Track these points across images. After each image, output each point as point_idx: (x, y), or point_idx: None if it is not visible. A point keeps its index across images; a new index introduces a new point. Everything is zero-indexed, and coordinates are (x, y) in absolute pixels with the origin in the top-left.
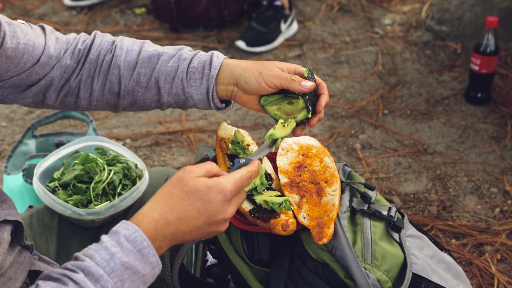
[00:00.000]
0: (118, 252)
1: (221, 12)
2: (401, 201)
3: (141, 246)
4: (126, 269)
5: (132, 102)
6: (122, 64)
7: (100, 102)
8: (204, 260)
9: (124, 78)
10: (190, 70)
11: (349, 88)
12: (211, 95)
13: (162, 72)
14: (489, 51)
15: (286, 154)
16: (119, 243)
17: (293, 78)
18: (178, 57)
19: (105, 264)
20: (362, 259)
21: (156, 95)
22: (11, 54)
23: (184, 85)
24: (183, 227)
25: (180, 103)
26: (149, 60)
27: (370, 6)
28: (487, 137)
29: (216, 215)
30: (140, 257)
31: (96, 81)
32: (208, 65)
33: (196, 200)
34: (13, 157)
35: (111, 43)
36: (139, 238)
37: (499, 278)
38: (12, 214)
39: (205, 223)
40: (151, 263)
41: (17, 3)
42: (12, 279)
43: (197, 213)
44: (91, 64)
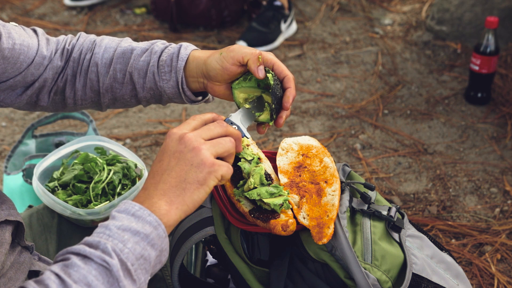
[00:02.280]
0: (111, 222)
1: (221, 12)
2: (401, 201)
3: (133, 210)
4: (123, 231)
5: (113, 99)
6: (99, 61)
7: (85, 101)
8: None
9: (102, 76)
10: (160, 64)
11: (349, 88)
12: (181, 88)
13: (135, 67)
14: (489, 51)
15: (286, 154)
16: (112, 217)
17: (259, 57)
18: (150, 51)
19: (101, 234)
20: (362, 259)
21: (133, 90)
22: (8, 55)
23: (156, 79)
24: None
25: (156, 98)
26: (123, 55)
27: (370, 6)
28: (487, 137)
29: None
30: (136, 219)
31: (78, 80)
32: (175, 57)
33: (156, 158)
34: (13, 157)
35: (92, 42)
36: (129, 206)
37: (499, 278)
38: (12, 215)
39: (170, 159)
40: (149, 222)
41: (17, 3)
42: (13, 279)
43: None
44: (74, 63)
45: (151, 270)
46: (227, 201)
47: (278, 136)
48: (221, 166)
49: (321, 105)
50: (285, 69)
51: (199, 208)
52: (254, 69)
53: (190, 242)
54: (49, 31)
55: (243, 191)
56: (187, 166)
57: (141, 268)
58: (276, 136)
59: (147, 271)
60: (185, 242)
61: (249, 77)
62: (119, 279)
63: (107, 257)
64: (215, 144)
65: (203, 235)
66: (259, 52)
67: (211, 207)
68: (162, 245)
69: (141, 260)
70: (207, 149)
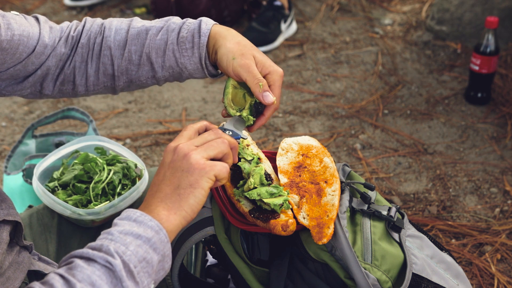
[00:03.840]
0: (112, 229)
1: (221, 12)
2: (401, 201)
3: (135, 216)
4: (125, 235)
5: (128, 82)
6: (112, 44)
7: (97, 86)
8: (204, 260)
9: (116, 58)
10: (180, 40)
11: (349, 88)
12: (204, 63)
13: (152, 46)
14: (489, 51)
15: (286, 154)
16: (114, 224)
17: (260, 84)
18: (166, 29)
19: (103, 240)
20: (362, 259)
21: (150, 71)
22: (6, 46)
23: (177, 56)
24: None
25: (175, 75)
26: (138, 36)
27: (370, 6)
28: (487, 137)
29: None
30: (137, 224)
31: (90, 65)
32: (197, 33)
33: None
34: (13, 157)
35: (100, 25)
36: (130, 213)
37: (499, 278)
38: (11, 214)
39: (166, 169)
40: (151, 227)
41: (17, 3)
42: (11, 279)
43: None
44: (83, 48)
45: (154, 274)
46: (227, 201)
47: (278, 136)
48: (213, 166)
49: (321, 105)
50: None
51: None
52: (258, 96)
53: (190, 242)
54: None
55: (243, 191)
56: (179, 173)
57: (143, 271)
58: (276, 136)
59: (150, 274)
60: (185, 242)
61: None
62: (122, 279)
63: (109, 257)
64: (206, 148)
65: (203, 235)
66: (260, 79)
67: (211, 207)
68: (165, 249)
69: (144, 263)
70: (197, 153)
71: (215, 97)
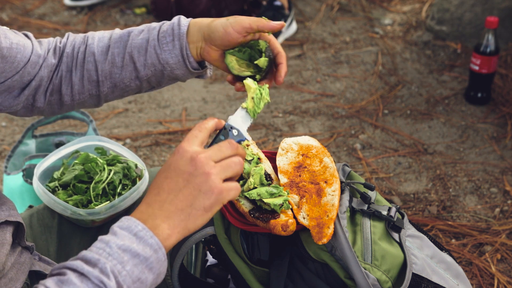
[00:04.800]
0: (112, 239)
1: (221, 12)
2: (401, 201)
3: (136, 229)
4: (124, 252)
5: (112, 87)
6: (95, 50)
7: (82, 94)
8: (204, 260)
9: (100, 63)
10: (160, 36)
11: (349, 88)
12: (185, 53)
13: (134, 45)
14: (489, 51)
15: (286, 154)
16: (113, 232)
17: (263, 17)
18: (147, 29)
19: (101, 251)
20: (362, 259)
21: (133, 71)
22: (6, 54)
23: (158, 52)
24: (164, 196)
25: (157, 74)
26: (120, 39)
27: (370, 6)
28: (487, 137)
29: (183, 167)
30: (137, 240)
31: (75, 74)
32: (177, 25)
33: (162, 173)
34: (13, 157)
35: (83, 37)
36: (132, 223)
37: (499, 278)
38: (13, 215)
39: (180, 180)
40: (150, 245)
41: (17, 3)
42: (13, 280)
43: (166, 178)
44: (67, 58)
45: None
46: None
47: (278, 136)
48: (230, 191)
49: (321, 105)
50: (279, 46)
51: None
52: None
53: (190, 242)
54: (49, 31)
55: (243, 191)
56: (195, 191)
57: None
58: (276, 136)
59: None
60: (185, 242)
61: (244, 50)
62: None
63: (104, 278)
64: (225, 168)
65: (203, 235)
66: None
67: None
68: (161, 268)
69: (138, 283)
70: (217, 174)
71: (215, 97)
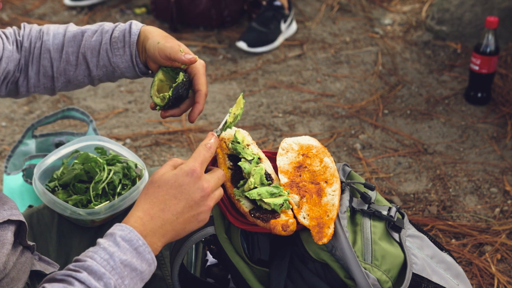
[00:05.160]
0: (116, 251)
1: (221, 12)
2: (401, 201)
3: (137, 244)
4: (125, 267)
5: (66, 82)
6: (51, 47)
7: (37, 87)
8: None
9: (55, 60)
10: (112, 41)
11: (349, 88)
12: (135, 61)
13: (88, 46)
14: (489, 51)
15: (286, 154)
16: (116, 243)
17: (180, 50)
18: (100, 31)
19: (105, 263)
20: (362, 259)
21: (86, 70)
22: None
23: (109, 56)
24: (168, 216)
25: (109, 75)
26: (74, 38)
27: (370, 6)
28: (487, 137)
29: (193, 195)
30: (137, 255)
31: (31, 68)
32: (128, 33)
33: (169, 188)
34: (13, 157)
35: (39, 31)
36: (135, 237)
37: (499, 278)
38: (15, 214)
39: (186, 205)
40: (147, 260)
41: (17, 3)
42: (15, 279)
43: (175, 198)
44: (25, 52)
45: None
46: (227, 201)
47: (278, 136)
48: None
49: (321, 105)
50: (202, 83)
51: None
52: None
53: (190, 242)
54: None
55: (243, 191)
56: (194, 218)
57: None
58: (276, 136)
59: None
60: (185, 242)
61: (177, 70)
62: None
63: None
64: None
65: (203, 235)
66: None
67: None
68: (149, 277)
69: None
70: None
71: (215, 97)
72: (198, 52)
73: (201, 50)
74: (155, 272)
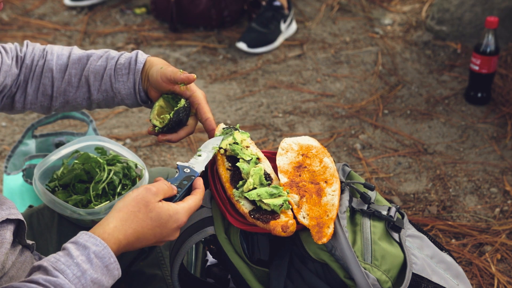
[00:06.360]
0: (88, 269)
1: (221, 12)
2: (401, 201)
3: (108, 262)
4: (94, 284)
5: (63, 103)
6: (54, 67)
7: (34, 105)
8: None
9: (57, 80)
10: (117, 67)
11: (349, 88)
12: (137, 88)
13: (92, 70)
14: (489, 51)
15: (286, 154)
16: (89, 259)
17: (180, 70)
18: (106, 57)
19: (76, 281)
20: (362, 259)
21: (86, 92)
22: None
23: (112, 81)
24: (144, 242)
25: (108, 100)
26: (79, 61)
27: (370, 6)
28: (487, 137)
29: (166, 237)
30: (107, 272)
31: (30, 85)
32: (134, 61)
33: (156, 226)
34: (13, 157)
35: (42, 50)
36: (107, 255)
37: (499, 278)
38: (13, 213)
39: (156, 242)
40: (113, 276)
41: (17, 3)
42: (14, 278)
43: (153, 236)
44: (26, 69)
45: None
46: (226, 202)
47: (278, 136)
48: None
49: (321, 105)
50: (208, 111)
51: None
52: (180, 77)
53: (190, 242)
54: (49, 31)
55: (243, 191)
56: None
57: None
58: (276, 136)
59: None
60: (185, 242)
61: (177, 98)
62: None
63: None
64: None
65: (203, 235)
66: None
67: (211, 207)
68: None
69: None
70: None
71: (215, 97)
72: (198, 52)
73: (201, 50)
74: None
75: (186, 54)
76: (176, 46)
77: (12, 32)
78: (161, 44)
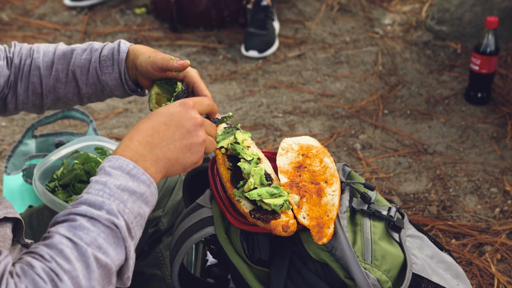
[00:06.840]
0: (109, 180)
1: (221, 12)
2: (401, 201)
3: (128, 168)
4: (122, 191)
5: (55, 100)
6: (41, 64)
7: (26, 104)
8: (204, 260)
9: (45, 78)
10: (101, 59)
11: (349, 88)
12: (123, 78)
13: (77, 64)
14: (489, 51)
15: (286, 154)
16: (107, 173)
17: (171, 58)
18: (90, 49)
19: (101, 193)
20: (362, 259)
21: (75, 87)
22: None
23: (99, 74)
24: (157, 141)
25: (98, 93)
26: (64, 56)
27: (370, 6)
28: (487, 137)
29: (183, 122)
30: (131, 178)
31: (20, 85)
32: (116, 51)
33: (159, 116)
34: (13, 157)
35: (29, 49)
36: (123, 163)
37: (499, 278)
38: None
39: (177, 132)
40: (143, 181)
41: (17, 3)
42: None
43: (164, 125)
44: (15, 69)
45: (144, 224)
46: (227, 202)
47: (278, 136)
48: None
49: (321, 105)
50: (204, 88)
51: (199, 208)
52: (172, 65)
53: (190, 242)
54: (49, 31)
55: (243, 191)
56: (186, 148)
57: (137, 225)
58: (276, 136)
59: (142, 226)
60: (185, 242)
61: (171, 82)
62: (125, 240)
63: (114, 219)
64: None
65: (203, 235)
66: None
67: (211, 207)
68: (153, 201)
69: (138, 217)
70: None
71: (215, 97)
72: (198, 52)
73: (201, 50)
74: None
75: (186, 54)
76: (176, 46)
77: (12, 32)
78: (161, 44)
